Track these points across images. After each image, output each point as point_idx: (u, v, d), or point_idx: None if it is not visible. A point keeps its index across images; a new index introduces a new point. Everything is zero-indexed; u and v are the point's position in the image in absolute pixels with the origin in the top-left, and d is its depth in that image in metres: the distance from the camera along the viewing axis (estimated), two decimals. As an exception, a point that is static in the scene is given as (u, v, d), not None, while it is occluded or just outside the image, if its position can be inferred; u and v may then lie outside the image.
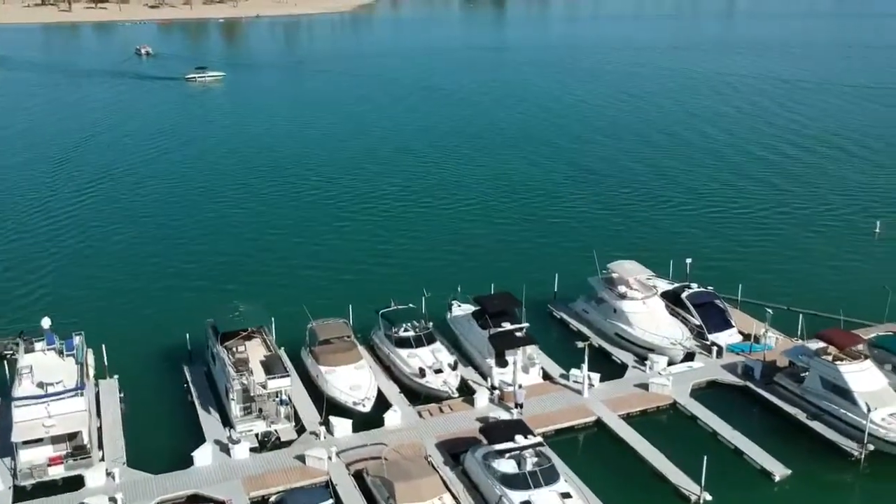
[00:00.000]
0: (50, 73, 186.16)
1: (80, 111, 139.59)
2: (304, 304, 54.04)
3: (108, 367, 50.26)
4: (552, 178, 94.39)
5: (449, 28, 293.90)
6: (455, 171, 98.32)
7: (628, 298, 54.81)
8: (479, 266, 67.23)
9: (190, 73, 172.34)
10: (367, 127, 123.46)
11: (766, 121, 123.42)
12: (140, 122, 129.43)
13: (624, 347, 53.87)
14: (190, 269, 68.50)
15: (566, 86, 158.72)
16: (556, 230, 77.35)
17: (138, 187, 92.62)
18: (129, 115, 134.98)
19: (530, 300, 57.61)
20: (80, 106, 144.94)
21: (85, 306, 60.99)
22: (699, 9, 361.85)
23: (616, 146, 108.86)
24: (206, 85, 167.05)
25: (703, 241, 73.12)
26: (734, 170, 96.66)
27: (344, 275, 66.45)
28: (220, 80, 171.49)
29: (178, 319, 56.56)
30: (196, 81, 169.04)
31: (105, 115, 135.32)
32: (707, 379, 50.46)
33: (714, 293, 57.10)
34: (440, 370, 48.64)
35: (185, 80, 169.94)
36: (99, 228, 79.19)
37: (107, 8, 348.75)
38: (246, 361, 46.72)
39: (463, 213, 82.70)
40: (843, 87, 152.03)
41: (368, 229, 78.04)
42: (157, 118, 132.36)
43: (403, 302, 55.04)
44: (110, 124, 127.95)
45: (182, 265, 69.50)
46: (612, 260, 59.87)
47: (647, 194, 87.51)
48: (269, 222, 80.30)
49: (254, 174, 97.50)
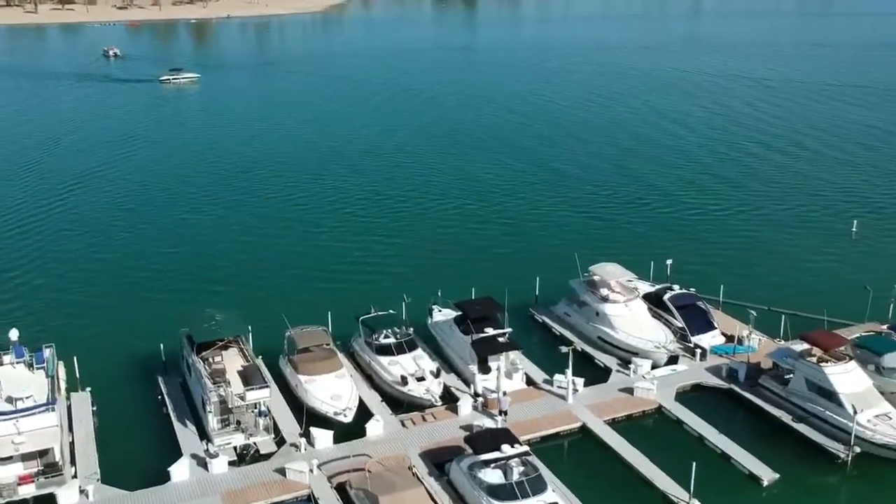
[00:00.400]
0: (14, 76, 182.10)
1: (46, 115, 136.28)
2: (282, 312, 52.83)
3: (80, 379, 48.70)
4: (529, 180, 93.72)
5: (420, 28, 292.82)
6: (430, 173, 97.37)
7: (611, 301, 54.27)
8: (458, 270, 66.44)
9: (164, 74, 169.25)
10: (340, 128, 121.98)
11: (737, 121, 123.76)
12: (110, 125, 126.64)
13: (607, 351, 53.33)
14: (163, 277, 66.91)
15: (537, 86, 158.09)
16: (536, 233, 76.69)
17: (108, 193, 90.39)
18: (99, 119, 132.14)
19: (511, 304, 56.86)
20: (46, 109, 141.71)
21: (55, 317, 59.30)
22: (667, 9, 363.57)
23: (591, 148, 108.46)
24: (181, 87, 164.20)
25: (683, 243, 72.83)
26: (710, 170, 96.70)
27: (322, 281, 65.27)
28: (195, 81, 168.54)
29: (151, 329, 55.09)
30: (171, 83, 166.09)
31: (73, 119, 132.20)
32: (692, 382, 50.04)
33: (696, 295, 56.76)
34: (422, 378, 47.76)
35: (159, 81, 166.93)
36: (68, 236, 77.11)
37: (74, 9, 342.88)
38: (223, 372, 45.45)
39: (441, 216, 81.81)
40: (810, 85, 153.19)
41: (345, 234, 76.87)
42: (128, 121, 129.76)
43: (383, 308, 54.09)
44: (78, 128, 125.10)
45: (155, 273, 67.85)
46: (594, 262, 59.30)
47: (625, 196, 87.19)
48: (244, 228, 78.74)
49: (226, 178, 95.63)
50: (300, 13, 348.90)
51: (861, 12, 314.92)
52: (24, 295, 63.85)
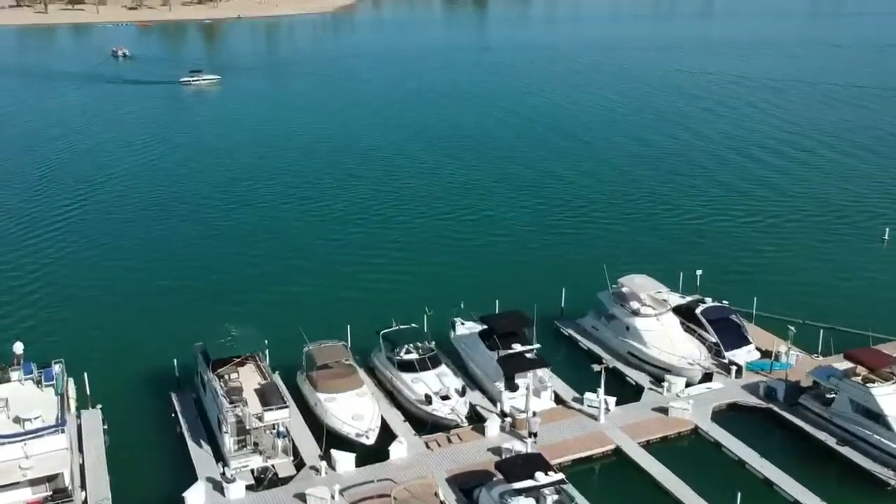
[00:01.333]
0: (22, 76, 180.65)
1: (58, 119, 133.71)
2: (299, 326, 50.79)
3: (91, 396, 46.83)
4: (551, 186, 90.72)
5: (432, 29, 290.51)
6: (450, 179, 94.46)
7: (641, 315, 52.10)
8: (481, 281, 64.14)
9: (184, 76, 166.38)
10: (359, 133, 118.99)
11: (762, 125, 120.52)
12: (128, 130, 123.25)
13: (638, 367, 51.16)
14: (176, 289, 64.35)
15: (556, 88, 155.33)
16: (561, 242, 74.06)
17: (121, 201, 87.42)
18: (115, 123, 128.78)
19: (536, 316, 54.69)
20: (58, 113, 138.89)
21: (64, 331, 57.10)
22: (677, 9, 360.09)
23: (616, 152, 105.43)
24: (202, 89, 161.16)
25: (712, 253, 70.20)
26: (737, 177, 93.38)
27: (340, 293, 62.80)
28: (216, 83, 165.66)
29: (164, 344, 53.01)
30: (191, 85, 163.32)
31: (87, 123, 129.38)
32: (728, 401, 47.84)
33: (729, 308, 54.57)
34: (447, 396, 45.71)
35: (179, 83, 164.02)
36: (78, 246, 74.38)
37: (84, 9, 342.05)
38: (240, 390, 43.53)
39: (462, 224, 79.03)
40: (833, 88, 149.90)
41: (364, 244, 73.93)
42: (146, 125, 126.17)
43: (404, 321, 52.03)
44: (90, 132, 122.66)
45: (167, 285, 65.20)
46: (621, 273, 57.23)
47: (651, 203, 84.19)
48: (259, 238, 75.70)
49: (243, 186, 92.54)
50: (311, 14, 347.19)
51: (875, 12, 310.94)
52: (31, 308, 61.59)
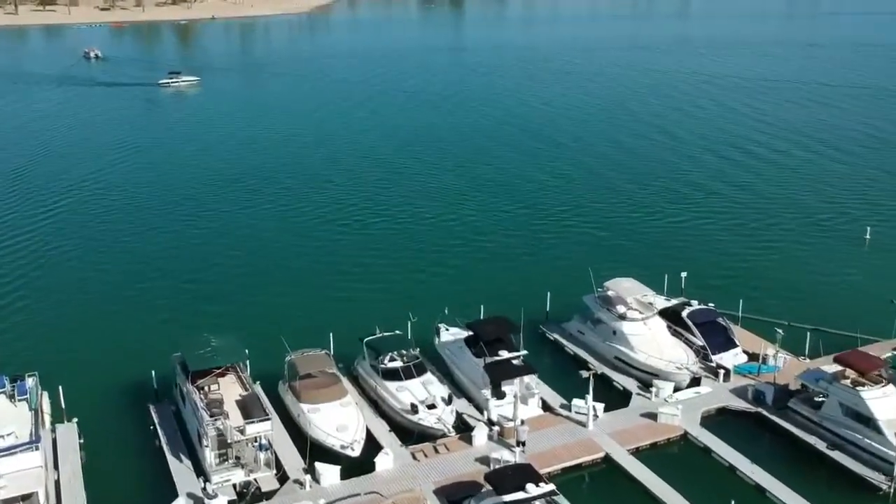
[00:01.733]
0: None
1: (28, 122, 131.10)
2: (281, 334, 49.69)
3: (66, 410, 45.43)
4: (534, 190, 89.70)
5: (408, 29, 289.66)
6: (431, 182, 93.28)
7: (628, 319, 51.50)
8: (465, 286, 63.26)
9: (163, 78, 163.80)
10: (337, 134, 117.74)
11: (744, 125, 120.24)
12: (99, 133, 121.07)
13: (625, 372, 50.56)
14: (152, 297, 62.58)
15: (534, 88, 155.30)
16: (545, 245, 73.07)
17: (95, 208, 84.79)
18: (85, 127, 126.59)
19: (519, 319, 53.98)
20: (27, 116, 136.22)
21: (37, 343, 55.38)
22: (654, 9, 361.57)
23: (597, 154, 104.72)
24: (181, 90, 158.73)
25: (696, 254, 69.85)
26: (721, 178, 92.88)
27: (321, 300, 61.62)
28: (195, 85, 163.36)
29: (141, 354, 51.64)
30: (170, 87, 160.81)
31: (57, 126, 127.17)
32: (717, 406, 47.34)
33: (715, 310, 54.10)
34: (433, 405, 44.82)
35: (158, 85, 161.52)
36: (50, 254, 71.92)
37: (55, 10, 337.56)
38: (220, 403, 42.38)
39: (444, 229, 77.68)
40: (816, 87, 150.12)
41: (345, 249, 72.55)
42: (121, 128, 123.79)
43: (388, 328, 51.07)
44: (63, 136, 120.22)
45: (145, 294, 63.32)
46: (605, 276, 56.72)
47: (634, 205, 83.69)
48: (238, 244, 73.94)
49: (219, 191, 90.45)
50: (286, 14, 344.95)
51: (852, 12, 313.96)
52: (2, 319, 59.58)
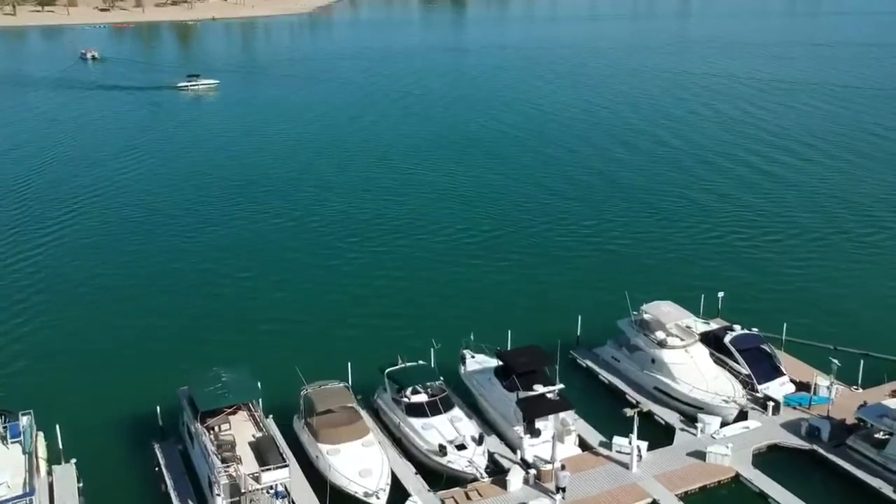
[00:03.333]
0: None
1: (30, 130, 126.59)
2: (295, 364, 46.06)
3: (64, 450, 41.77)
4: (556, 203, 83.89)
5: (414, 30, 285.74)
6: (449, 196, 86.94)
7: (668, 347, 47.88)
8: (490, 308, 59.33)
9: (181, 81, 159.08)
10: (351, 143, 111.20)
11: (770, 130, 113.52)
12: (102, 140, 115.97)
13: (665, 404, 46.95)
14: (158, 327, 57.75)
15: (545, 91, 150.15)
16: (572, 264, 68.11)
17: (94, 228, 78.92)
18: (90, 134, 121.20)
19: (550, 345, 50.57)
20: (30, 124, 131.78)
21: (31, 377, 51.01)
22: (657, 9, 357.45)
23: (618, 162, 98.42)
24: (200, 94, 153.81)
25: (734, 273, 65.31)
26: (759, 191, 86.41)
27: (338, 327, 57.09)
28: (214, 88, 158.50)
29: (145, 388, 47.77)
30: (189, 90, 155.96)
31: (57, 134, 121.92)
32: (768, 443, 43.72)
33: (759, 335, 50.51)
34: (463, 446, 41.18)
35: (176, 88, 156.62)
36: (45, 279, 66.72)
37: (54, 11, 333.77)
38: (232, 445, 38.80)
39: (466, 246, 72.43)
40: (841, 90, 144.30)
41: (362, 271, 67.19)
42: (133, 135, 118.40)
43: (409, 354, 47.58)
44: (61, 147, 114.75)
45: (148, 322, 58.54)
46: (638, 297, 53.09)
47: (664, 219, 78.48)
48: (248, 267, 68.39)
49: (229, 208, 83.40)
50: (287, 15, 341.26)
51: (855, 12, 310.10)
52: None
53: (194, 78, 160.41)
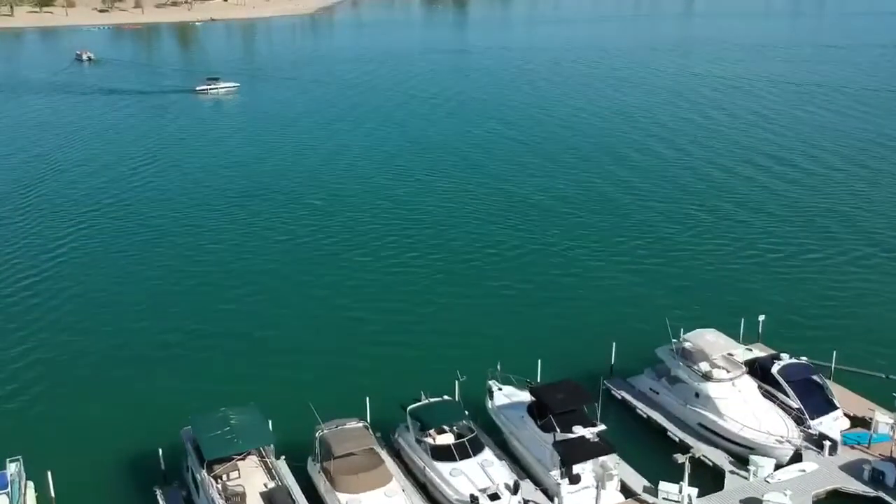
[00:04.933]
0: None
1: (15, 137, 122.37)
2: (309, 399, 42.20)
3: (56, 499, 38.02)
4: (582, 217, 78.72)
5: (421, 30, 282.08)
6: (470, 211, 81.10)
7: (714, 380, 44.07)
8: (517, 334, 54.98)
9: (201, 84, 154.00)
10: (370, 161, 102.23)
11: (805, 138, 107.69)
12: (106, 153, 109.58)
13: (711, 442, 43.12)
14: (158, 359, 52.83)
15: (558, 95, 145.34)
16: (603, 284, 63.27)
17: (85, 248, 72.95)
18: (92, 137, 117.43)
19: (581, 374, 46.98)
20: (25, 132, 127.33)
21: (20, 420, 46.27)
22: (664, 9, 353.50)
23: (656, 178, 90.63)
24: (220, 98, 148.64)
25: (775, 293, 60.66)
26: (793, 203, 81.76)
27: (354, 357, 52.44)
28: (234, 91, 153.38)
29: (145, 428, 43.80)
30: (208, 94, 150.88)
31: (37, 143, 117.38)
32: (828, 488, 39.89)
33: (809, 365, 46.67)
34: (496, 496, 37.30)
35: (195, 92, 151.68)
36: (32, 305, 60.97)
37: (52, 12, 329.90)
38: (242, 497, 35.08)
39: (489, 267, 67.12)
40: (870, 93, 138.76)
41: (378, 295, 62.00)
42: (137, 143, 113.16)
43: (432, 386, 43.80)
44: (66, 149, 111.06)
45: (147, 354, 53.59)
46: (675, 320, 49.21)
47: (697, 234, 73.06)
48: (256, 291, 62.94)
49: (235, 225, 78.08)
50: (289, 16, 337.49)
51: (860, 12, 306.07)
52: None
53: (214, 81, 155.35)
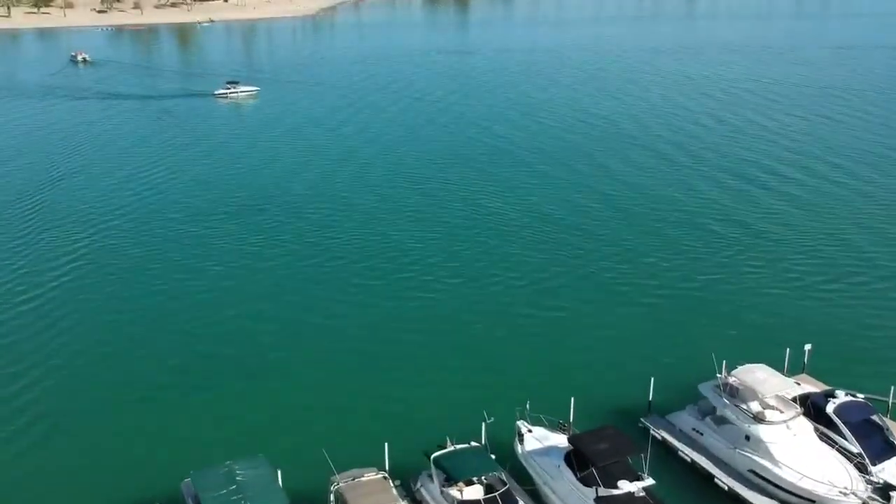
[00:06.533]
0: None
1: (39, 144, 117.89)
2: (322, 446, 38.34)
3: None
4: (600, 230, 73.60)
5: (427, 32, 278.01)
6: (493, 227, 75.57)
7: (767, 422, 40.07)
8: (546, 368, 50.23)
9: (220, 88, 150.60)
10: (385, 172, 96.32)
11: (855, 145, 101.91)
12: (94, 158, 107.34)
13: (765, 491, 39.16)
14: (153, 398, 47.52)
15: (577, 98, 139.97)
16: (636, 311, 57.95)
17: (70, 268, 67.77)
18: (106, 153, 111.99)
19: (616, 411, 43.20)
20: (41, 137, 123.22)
21: (4, 473, 41.32)
22: (667, 10, 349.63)
23: (676, 183, 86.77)
24: (239, 102, 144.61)
25: (820, 320, 55.79)
26: (838, 219, 76.00)
27: (370, 396, 47.38)
28: (254, 95, 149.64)
29: (140, 480, 39.48)
30: (227, 98, 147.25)
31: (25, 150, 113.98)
32: (899, 548, 36.04)
33: (868, 404, 42.71)
34: (533, 559, 33.46)
35: (214, 96, 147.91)
36: (11, 340, 55.11)
37: (50, 13, 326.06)
38: (249, 565, 31.09)
39: (514, 292, 61.45)
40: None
41: (394, 323, 56.61)
42: (139, 153, 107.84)
43: (458, 431, 39.77)
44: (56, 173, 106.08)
45: (140, 391, 48.35)
46: (720, 351, 45.27)
47: (736, 255, 67.73)
48: (259, 322, 57.39)
49: (237, 240, 73.11)
50: (290, 17, 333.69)
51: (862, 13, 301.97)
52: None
53: (233, 85, 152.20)
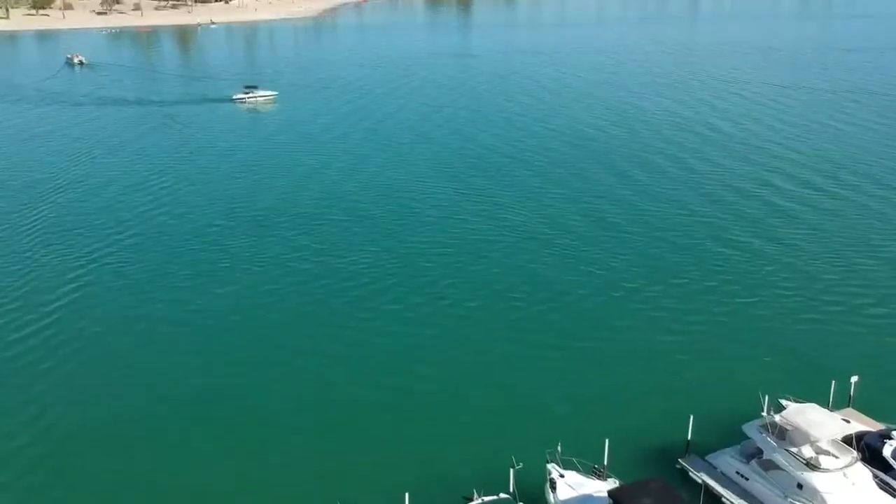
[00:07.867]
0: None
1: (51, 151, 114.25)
2: (337, 500, 35.12)
3: None
4: (633, 254, 68.32)
5: (433, 33, 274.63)
6: (518, 244, 70.79)
7: (822, 469, 36.87)
8: (577, 406, 46.35)
9: (238, 92, 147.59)
10: (403, 185, 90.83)
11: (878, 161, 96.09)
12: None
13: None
14: (152, 440, 43.74)
15: (592, 103, 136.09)
16: (670, 341, 53.64)
17: (63, 286, 64.02)
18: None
19: (652, 452, 40.02)
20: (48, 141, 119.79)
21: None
22: (669, 11, 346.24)
23: (713, 197, 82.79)
24: (257, 107, 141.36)
25: (866, 349, 51.98)
26: (882, 239, 71.20)
27: (390, 443, 43.36)
28: (272, 100, 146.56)
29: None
30: (245, 103, 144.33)
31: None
32: None
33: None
34: None
35: (232, 101, 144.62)
36: (15, 367, 52.18)
37: (49, 15, 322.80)
38: None
39: (539, 318, 57.31)
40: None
41: (409, 358, 52.10)
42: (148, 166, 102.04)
43: (484, 478, 36.79)
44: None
45: (141, 433, 44.63)
46: (756, 381, 42.39)
47: (772, 276, 63.43)
48: (260, 353, 53.05)
49: (233, 273, 66.71)
50: (291, 19, 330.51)
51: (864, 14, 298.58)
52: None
53: (252, 89, 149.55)
